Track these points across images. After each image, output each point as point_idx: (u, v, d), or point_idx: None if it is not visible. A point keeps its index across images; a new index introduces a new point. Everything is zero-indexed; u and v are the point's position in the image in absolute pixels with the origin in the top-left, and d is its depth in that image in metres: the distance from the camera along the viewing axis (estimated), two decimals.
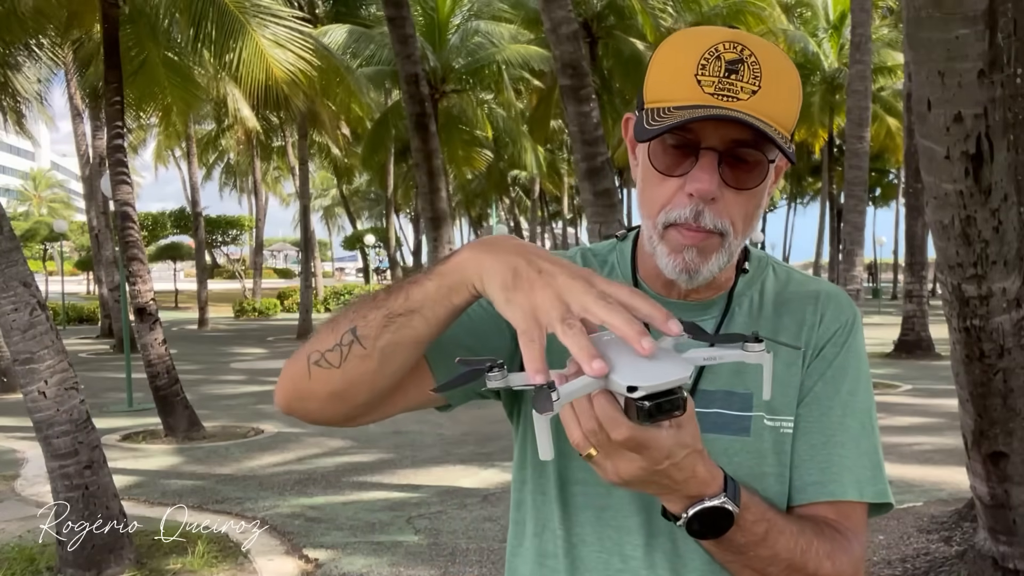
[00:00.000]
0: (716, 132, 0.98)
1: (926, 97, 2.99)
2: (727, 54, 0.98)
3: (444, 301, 0.92)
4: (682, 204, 1.01)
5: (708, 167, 0.99)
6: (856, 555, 1.04)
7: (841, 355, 1.09)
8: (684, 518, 0.92)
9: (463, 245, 0.92)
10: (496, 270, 0.86)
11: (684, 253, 1.02)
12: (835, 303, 1.12)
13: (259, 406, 11.44)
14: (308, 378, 0.98)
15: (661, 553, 1.06)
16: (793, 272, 1.17)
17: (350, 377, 0.97)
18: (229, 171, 41.47)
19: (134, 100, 11.47)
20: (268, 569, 5.01)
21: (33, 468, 7.62)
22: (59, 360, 4.67)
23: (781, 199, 49.89)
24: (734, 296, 1.12)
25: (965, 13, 2.72)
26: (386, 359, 0.95)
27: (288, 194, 54.57)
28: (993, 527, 4.12)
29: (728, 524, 0.93)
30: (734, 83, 0.98)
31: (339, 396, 0.99)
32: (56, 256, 53.95)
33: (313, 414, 1.02)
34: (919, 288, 15.77)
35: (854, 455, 1.07)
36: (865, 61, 12.71)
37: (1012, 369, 3.60)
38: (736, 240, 1.03)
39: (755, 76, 0.98)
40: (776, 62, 1.00)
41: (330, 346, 0.96)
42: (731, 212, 1.01)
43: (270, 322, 31.09)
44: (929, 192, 3.31)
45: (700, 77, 0.98)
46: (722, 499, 0.92)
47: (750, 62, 0.98)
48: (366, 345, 0.94)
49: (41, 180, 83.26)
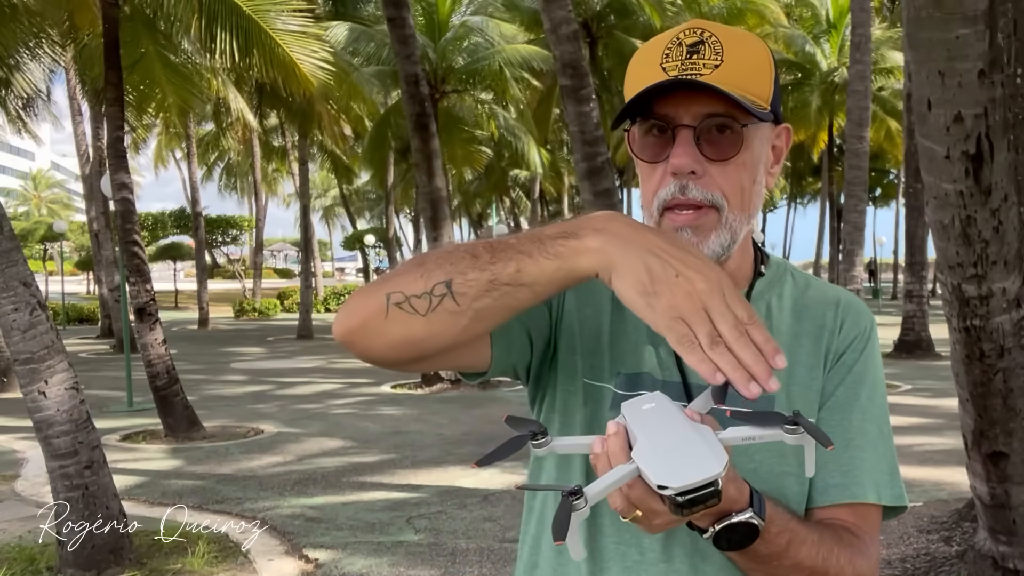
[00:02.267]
0: (688, 110, 1.01)
1: (926, 97, 2.99)
2: (688, 39, 1.02)
3: (560, 283, 0.90)
4: (668, 184, 1.03)
5: (684, 142, 1.01)
6: (873, 558, 1.06)
7: (860, 362, 1.12)
8: (711, 532, 0.93)
9: (585, 219, 0.90)
10: (629, 269, 0.86)
11: (682, 234, 1.03)
12: (854, 311, 1.14)
13: (259, 406, 11.45)
14: (384, 317, 0.93)
15: (679, 546, 1.07)
16: (812, 279, 1.19)
17: (433, 329, 0.93)
18: (229, 171, 41.45)
19: (134, 100, 11.48)
20: (268, 569, 5.00)
21: (33, 468, 7.62)
22: (59, 360, 4.67)
23: (781, 199, 49.90)
24: (752, 299, 1.13)
25: (965, 13, 2.72)
26: (479, 321, 0.93)
27: (288, 194, 54.61)
28: (993, 527, 4.12)
29: (754, 537, 0.94)
30: (696, 62, 1.01)
31: (413, 343, 0.95)
32: (56, 256, 53.94)
33: (374, 352, 0.97)
34: (919, 288, 15.76)
35: (873, 459, 1.09)
36: (865, 61, 12.72)
37: (1012, 369, 3.60)
38: (734, 215, 1.04)
39: (717, 53, 1.01)
40: (739, 39, 1.03)
41: (418, 292, 0.92)
42: (720, 185, 1.03)
43: (270, 322, 31.09)
44: (929, 192, 3.31)
45: (665, 64, 1.02)
46: (749, 514, 0.93)
47: (711, 41, 1.01)
48: (460, 303, 0.91)
49: (41, 180, 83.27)
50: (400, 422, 10.08)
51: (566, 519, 0.79)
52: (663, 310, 0.84)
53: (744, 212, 1.05)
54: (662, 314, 0.84)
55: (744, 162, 1.04)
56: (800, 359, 1.10)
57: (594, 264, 0.88)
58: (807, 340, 1.11)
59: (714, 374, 0.80)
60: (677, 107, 1.01)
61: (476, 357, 1.06)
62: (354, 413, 10.83)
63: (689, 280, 0.84)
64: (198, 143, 31.60)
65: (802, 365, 1.10)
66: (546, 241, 0.90)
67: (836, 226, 30.87)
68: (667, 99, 1.02)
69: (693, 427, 0.83)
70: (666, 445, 0.80)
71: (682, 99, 1.01)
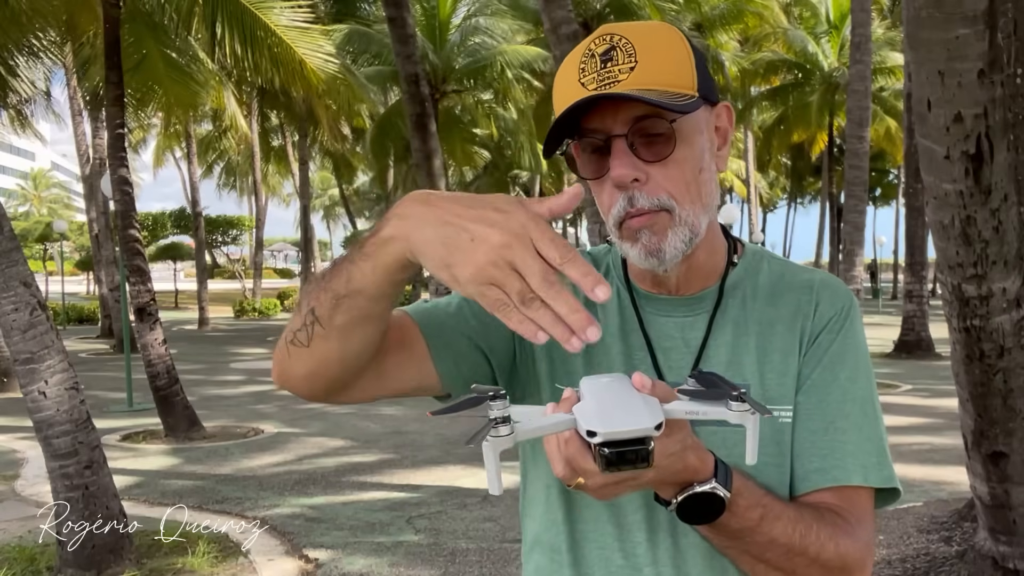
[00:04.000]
0: (616, 119, 1.00)
1: (926, 97, 2.99)
2: (599, 48, 1.01)
3: (386, 279, 0.89)
4: (615, 199, 1.02)
5: (620, 153, 1.00)
6: (862, 540, 1.03)
7: (838, 341, 1.09)
8: (674, 504, 0.93)
9: (392, 208, 0.87)
10: (426, 247, 0.81)
11: (640, 237, 1.02)
12: (830, 291, 1.12)
13: (259, 406, 11.45)
14: (288, 357, 1.00)
15: (663, 549, 1.06)
16: (788, 264, 1.17)
17: (318, 356, 0.97)
18: (229, 171, 41.44)
19: (135, 99, 11.48)
20: (268, 569, 5.01)
21: (33, 468, 7.62)
22: (59, 360, 4.67)
23: (781, 199, 49.91)
24: (726, 289, 1.12)
25: (965, 13, 2.72)
26: (345, 337, 0.95)
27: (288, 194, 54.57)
28: (993, 527, 4.12)
29: (720, 509, 0.93)
30: (611, 70, 1.00)
31: (313, 374, 0.99)
32: (56, 256, 53.95)
33: (298, 391, 1.03)
34: (919, 288, 15.76)
35: (856, 440, 1.06)
36: (865, 61, 12.72)
37: (1012, 369, 3.60)
38: (686, 210, 1.03)
39: (629, 55, 1.00)
40: (650, 34, 1.02)
41: (298, 326, 0.97)
42: (666, 186, 1.01)
43: (270, 322, 31.08)
44: (929, 192, 3.32)
45: (583, 80, 1.01)
46: (712, 484, 0.91)
47: (622, 45, 1.01)
48: (325, 326, 0.94)
49: (41, 180, 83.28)
50: (400, 422, 10.07)
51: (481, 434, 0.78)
52: (467, 279, 0.77)
53: (697, 204, 1.03)
54: (468, 283, 0.77)
55: (684, 157, 1.02)
56: (775, 345, 1.08)
57: (397, 252, 0.85)
58: (781, 326, 1.09)
59: (536, 334, 0.75)
60: (604, 119, 1.00)
61: (417, 377, 1.07)
62: (354, 413, 10.83)
63: (484, 239, 0.77)
64: (198, 143, 31.58)
65: (777, 352, 1.08)
66: (363, 243, 0.89)
67: (836, 226, 30.88)
68: (593, 113, 1.01)
69: (639, 395, 0.82)
70: (606, 403, 0.80)
71: (608, 109, 1.00)
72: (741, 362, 1.08)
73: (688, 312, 1.11)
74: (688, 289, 1.11)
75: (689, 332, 1.10)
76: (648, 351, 1.10)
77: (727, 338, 1.09)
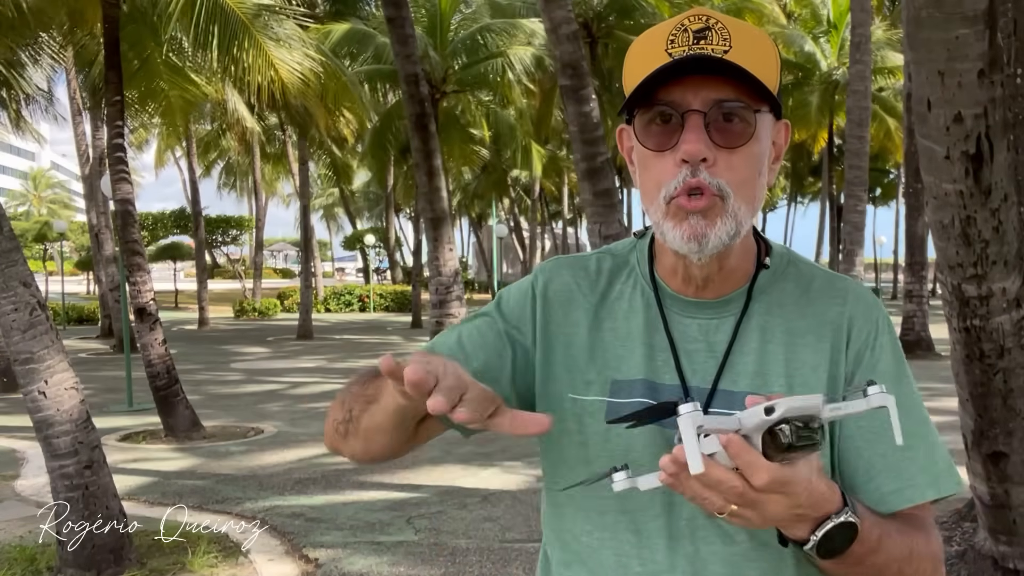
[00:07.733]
0: (697, 95, 0.97)
1: (926, 97, 2.99)
2: (693, 25, 0.99)
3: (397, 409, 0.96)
4: (676, 172, 0.99)
5: (695, 128, 0.97)
6: (935, 534, 1.05)
7: (883, 359, 1.07)
8: (813, 541, 0.89)
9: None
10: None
11: (689, 219, 0.99)
12: (863, 304, 1.10)
13: (259, 406, 11.45)
14: (339, 439, 1.09)
15: (681, 556, 1.05)
16: (816, 269, 1.14)
17: (367, 438, 1.05)
18: (229, 171, 41.42)
19: (135, 99, 11.46)
20: (268, 569, 5.00)
21: (33, 468, 7.61)
22: (59, 360, 4.67)
23: (781, 199, 49.90)
24: (754, 293, 1.09)
25: (965, 13, 2.72)
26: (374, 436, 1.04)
27: (288, 194, 54.58)
28: (993, 527, 4.12)
29: (853, 537, 0.90)
30: (704, 47, 0.97)
31: (365, 451, 1.08)
32: (56, 256, 53.93)
33: (356, 460, 1.12)
34: (919, 288, 15.76)
35: (926, 452, 1.05)
36: (865, 61, 12.73)
37: (1012, 369, 3.60)
38: (738, 204, 1.00)
39: (724, 39, 0.97)
40: (745, 29, 1.00)
41: (341, 419, 1.07)
42: (726, 174, 0.99)
43: (270, 322, 31.07)
44: (929, 192, 3.31)
45: (671, 50, 0.98)
46: (847, 514, 0.89)
47: (718, 28, 0.98)
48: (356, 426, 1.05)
49: (41, 180, 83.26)
50: None
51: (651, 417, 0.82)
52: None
53: (750, 204, 1.01)
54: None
55: (753, 152, 1.00)
56: (804, 359, 1.06)
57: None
58: (812, 337, 1.07)
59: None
60: (685, 92, 0.97)
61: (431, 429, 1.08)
62: None
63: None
64: (198, 143, 31.57)
65: (807, 366, 1.06)
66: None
67: (836, 226, 30.85)
68: (673, 86, 0.97)
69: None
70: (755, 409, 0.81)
71: (690, 84, 0.97)
72: (767, 372, 1.06)
73: (713, 315, 1.09)
74: (715, 291, 1.09)
75: (713, 336, 1.08)
76: (672, 352, 1.08)
77: (753, 345, 1.07)
